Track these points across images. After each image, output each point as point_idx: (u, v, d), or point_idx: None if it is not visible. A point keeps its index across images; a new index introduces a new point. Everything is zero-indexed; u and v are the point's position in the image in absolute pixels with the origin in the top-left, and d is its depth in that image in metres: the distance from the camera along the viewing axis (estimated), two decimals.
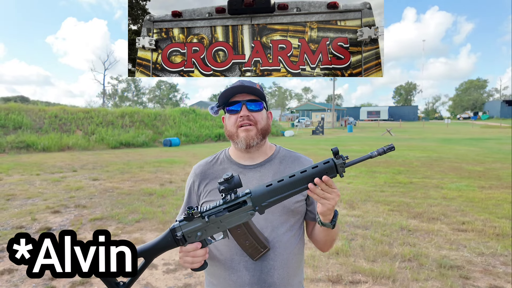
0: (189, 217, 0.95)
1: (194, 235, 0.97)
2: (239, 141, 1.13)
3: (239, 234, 0.98)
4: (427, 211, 5.30)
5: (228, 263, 1.11)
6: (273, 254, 1.09)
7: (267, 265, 1.09)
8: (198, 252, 0.98)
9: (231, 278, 1.10)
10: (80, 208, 5.63)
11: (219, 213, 0.96)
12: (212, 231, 0.97)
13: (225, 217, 0.96)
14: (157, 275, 3.27)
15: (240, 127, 1.12)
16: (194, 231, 0.97)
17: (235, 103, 1.13)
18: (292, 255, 1.13)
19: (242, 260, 1.09)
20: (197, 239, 0.97)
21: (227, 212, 0.96)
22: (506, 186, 7.13)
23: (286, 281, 1.11)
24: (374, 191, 6.73)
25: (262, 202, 0.95)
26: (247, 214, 0.96)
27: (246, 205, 0.95)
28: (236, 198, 0.95)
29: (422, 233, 4.34)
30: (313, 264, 3.43)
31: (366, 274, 3.21)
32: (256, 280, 1.08)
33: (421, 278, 3.13)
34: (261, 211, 0.96)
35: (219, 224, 0.97)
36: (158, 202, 5.96)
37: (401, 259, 3.56)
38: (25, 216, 5.11)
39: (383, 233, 4.33)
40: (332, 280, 3.13)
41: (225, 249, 1.12)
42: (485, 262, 3.46)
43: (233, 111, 1.14)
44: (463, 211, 5.32)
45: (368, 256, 3.62)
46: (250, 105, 1.12)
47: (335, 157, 0.95)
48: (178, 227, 0.98)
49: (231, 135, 1.16)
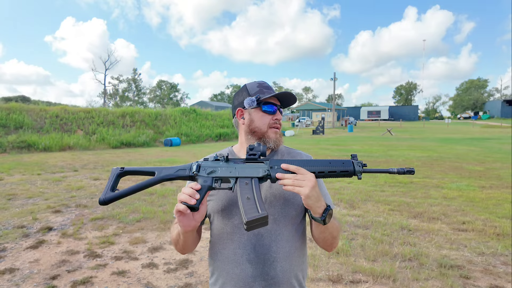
0: (215, 159, 1.06)
1: (209, 169, 1.03)
2: (270, 141, 1.20)
3: (244, 187, 1.00)
4: (428, 210, 5.30)
5: (231, 257, 1.13)
6: (275, 247, 1.11)
7: (270, 257, 1.10)
8: (194, 193, 0.97)
9: (234, 271, 1.12)
10: (81, 207, 5.64)
11: (238, 160, 1.05)
12: (224, 172, 1.02)
13: (240, 165, 1.03)
14: (158, 275, 3.28)
15: (271, 128, 1.21)
16: (209, 167, 1.04)
17: (270, 103, 1.20)
18: (294, 248, 1.15)
19: (244, 253, 1.11)
20: (207, 174, 1.02)
21: (244, 163, 1.04)
22: (507, 186, 7.12)
23: (289, 274, 1.12)
24: (374, 191, 6.73)
25: (277, 166, 1.00)
26: (261, 171, 1.01)
27: (262, 163, 1.03)
28: (257, 159, 1.04)
29: (422, 233, 4.34)
30: (313, 264, 3.44)
31: (367, 274, 3.22)
32: (259, 272, 1.10)
33: (421, 278, 3.13)
34: (274, 177, 1.00)
35: (233, 169, 1.03)
36: (158, 202, 5.97)
37: (402, 258, 3.56)
38: (26, 216, 5.12)
39: (384, 232, 4.33)
40: (332, 279, 3.13)
41: (228, 242, 1.14)
42: (485, 262, 3.46)
43: (269, 112, 1.20)
44: (463, 210, 5.32)
45: (368, 256, 3.62)
46: (281, 111, 1.24)
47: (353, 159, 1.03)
48: (201, 162, 1.06)
49: (258, 132, 1.20)
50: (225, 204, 1.14)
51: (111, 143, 17.89)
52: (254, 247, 1.11)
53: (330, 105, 54.94)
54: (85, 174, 9.07)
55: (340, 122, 50.05)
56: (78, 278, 3.18)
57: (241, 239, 1.12)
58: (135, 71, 74.72)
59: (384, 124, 49.10)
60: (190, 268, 3.42)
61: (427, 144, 18.79)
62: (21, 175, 8.81)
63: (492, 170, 9.17)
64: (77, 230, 4.50)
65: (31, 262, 3.52)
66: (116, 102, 67.68)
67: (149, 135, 20.06)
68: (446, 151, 14.63)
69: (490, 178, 8.00)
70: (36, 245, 3.98)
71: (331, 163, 1.02)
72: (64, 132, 17.86)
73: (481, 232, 4.31)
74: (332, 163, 1.02)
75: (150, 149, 17.52)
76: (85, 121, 19.51)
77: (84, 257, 3.66)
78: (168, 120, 23.16)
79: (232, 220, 1.14)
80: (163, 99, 78.60)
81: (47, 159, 12.40)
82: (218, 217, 1.17)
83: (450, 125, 45.77)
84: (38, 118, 18.09)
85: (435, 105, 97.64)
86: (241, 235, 1.12)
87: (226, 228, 1.15)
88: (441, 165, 10.23)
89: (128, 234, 4.39)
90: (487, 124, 44.90)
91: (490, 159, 11.63)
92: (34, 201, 6.10)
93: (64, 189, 7.10)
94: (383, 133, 30.55)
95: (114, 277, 3.22)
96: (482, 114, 68.85)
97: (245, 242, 1.12)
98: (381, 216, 5.08)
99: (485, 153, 13.63)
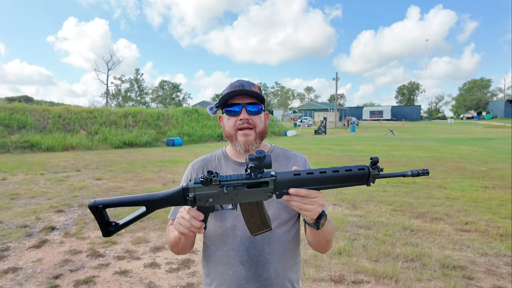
0: (206, 182, 0.90)
1: (206, 200, 0.92)
2: (238, 145, 1.13)
3: (248, 209, 0.95)
4: (430, 211, 5.28)
5: (224, 259, 1.13)
6: (268, 249, 1.11)
7: (263, 259, 1.10)
8: (197, 222, 0.92)
9: (227, 273, 1.12)
10: (83, 207, 5.66)
11: (238, 186, 0.92)
12: (224, 200, 0.93)
13: (242, 192, 0.92)
14: (160, 274, 3.29)
15: (239, 130, 1.13)
16: (206, 196, 0.92)
17: (234, 104, 1.12)
18: (287, 250, 1.14)
19: (237, 255, 1.11)
20: (207, 205, 0.92)
21: (245, 188, 0.92)
22: (510, 186, 7.08)
23: (282, 275, 1.12)
24: (376, 191, 6.71)
25: (284, 189, 0.91)
26: (265, 195, 0.92)
27: (267, 187, 0.91)
28: (259, 177, 0.91)
29: (425, 233, 4.32)
30: (315, 264, 3.44)
31: (369, 274, 3.21)
32: (252, 274, 1.10)
33: (424, 278, 3.12)
34: (280, 197, 0.92)
35: (233, 196, 0.92)
36: None
37: (404, 259, 3.55)
38: (29, 215, 5.15)
39: (386, 233, 4.32)
40: (334, 280, 3.13)
41: (221, 244, 1.14)
42: (488, 263, 3.45)
43: (233, 113, 1.13)
44: (466, 211, 5.29)
45: (370, 256, 3.61)
46: (249, 107, 1.12)
47: (372, 167, 0.92)
48: (192, 188, 0.91)
49: (229, 137, 1.16)
50: None
51: (114, 143, 17.95)
52: (247, 249, 1.10)
53: (332, 105, 54.87)
54: (87, 174, 9.10)
55: (342, 122, 49.99)
56: (81, 277, 3.19)
57: (234, 241, 1.11)
58: (137, 71, 74.95)
59: (386, 124, 48.96)
60: (192, 268, 3.43)
61: (430, 144, 18.72)
62: (24, 174, 8.85)
63: (495, 170, 9.12)
64: (80, 230, 4.52)
65: (34, 262, 3.54)
66: (119, 102, 67.90)
67: (151, 135, 20.11)
68: (449, 151, 14.57)
69: (493, 179, 7.96)
70: (39, 245, 4.00)
71: (344, 180, 0.92)
72: (66, 132, 17.94)
73: (484, 232, 4.29)
74: (345, 180, 0.92)
75: (152, 149, 17.56)
76: (88, 121, 19.58)
77: (87, 257, 3.67)
78: (170, 120, 23.21)
79: (225, 222, 1.13)
80: (165, 99, 78.74)
81: (50, 159, 12.45)
82: (211, 219, 1.16)
83: (453, 125, 45.57)
84: (41, 118, 18.17)
85: (438, 105, 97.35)
86: (234, 237, 1.12)
87: (219, 231, 1.14)
88: (444, 165, 10.19)
89: (130, 234, 4.40)
90: (490, 124, 44.69)
91: (493, 159, 11.57)
92: (37, 200, 6.13)
93: (66, 189, 7.12)
94: (385, 133, 30.47)
95: (116, 277, 3.23)
96: (485, 114, 68.55)
97: (238, 244, 1.11)
98: (383, 216, 5.07)
99: (488, 153, 13.56)
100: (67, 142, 16.41)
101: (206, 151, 15.13)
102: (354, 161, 11.40)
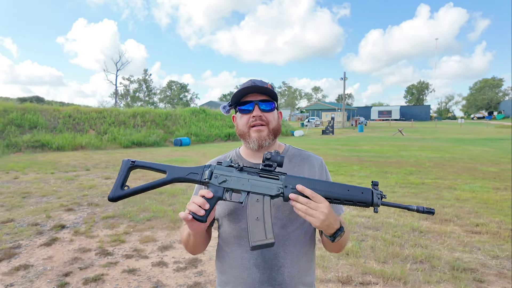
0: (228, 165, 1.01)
1: (221, 179, 0.99)
2: (251, 141, 1.13)
3: (255, 206, 0.97)
4: (440, 212, 5.21)
5: (238, 261, 1.12)
6: (283, 252, 1.10)
7: (277, 263, 1.09)
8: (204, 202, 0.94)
9: (242, 275, 1.11)
10: (93, 206, 5.74)
11: (252, 172, 1.00)
12: (236, 184, 0.99)
13: (254, 178, 0.99)
14: (167, 273, 3.31)
15: (252, 127, 1.12)
16: (222, 174, 1.00)
17: (247, 102, 1.12)
18: (302, 254, 1.13)
19: (252, 258, 1.10)
20: (219, 183, 0.99)
21: (258, 176, 0.99)
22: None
23: (296, 279, 1.11)
24: (385, 192, 6.65)
25: (293, 187, 0.96)
26: (274, 189, 0.97)
27: (277, 180, 0.98)
28: (272, 171, 0.99)
29: (434, 235, 4.27)
30: (323, 265, 3.42)
31: (377, 276, 3.18)
32: (267, 278, 1.09)
33: (433, 281, 3.08)
34: (286, 196, 0.96)
35: (246, 181, 0.99)
36: (168, 201, 6.02)
37: (413, 260, 3.51)
38: (40, 214, 5.24)
39: (394, 234, 4.27)
40: (342, 281, 3.11)
41: (235, 246, 1.14)
42: (499, 265, 3.38)
43: (245, 111, 1.13)
44: (477, 212, 5.21)
45: (378, 257, 3.58)
46: (262, 105, 1.12)
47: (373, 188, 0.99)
48: (213, 166, 1.03)
49: (242, 135, 1.16)
50: (232, 209, 1.13)
51: (122, 142, 18.13)
52: (261, 252, 1.10)
53: (340, 105, 54.52)
54: (96, 173, 9.21)
55: (350, 122, 49.62)
56: (90, 275, 3.23)
57: (248, 243, 1.11)
58: (146, 72, 75.58)
59: (395, 124, 48.45)
60: (200, 267, 3.44)
61: (439, 144, 18.46)
62: (35, 173, 9.01)
63: (506, 171, 8.94)
64: (89, 228, 4.58)
65: (44, 259, 3.60)
66: (127, 102, 68.59)
67: (159, 135, 20.27)
68: (459, 151, 14.35)
69: (504, 180, 7.81)
70: (50, 243, 4.06)
71: (350, 190, 0.96)
72: (76, 132, 18.19)
73: (495, 234, 4.22)
74: (351, 190, 0.96)
75: (160, 148, 17.70)
76: (97, 121, 19.82)
77: (96, 255, 3.72)
78: (178, 120, 23.35)
79: (240, 224, 1.12)
80: (173, 99, 79.29)
81: (60, 158, 12.65)
82: (225, 221, 1.15)
83: (463, 125, 44.86)
84: (51, 118, 18.46)
85: (448, 105, 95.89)
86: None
87: (234, 232, 1.14)
88: (454, 166, 10.04)
89: (138, 232, 4.45)
90: (502, 124, 43.84)
91: (504, 160, 11.35)
92: (47, 199, 6.23)
93: (76, 187, 7.23)
94: (394, 133, 30.16)
95: (124, 275, 3.26)
96: (497, 114, 67.31)
97: None
98: (391, 217, 5.02)
99: (500, 154, 13.31)
100: (77, 142, 16.64)
101: (213, 151, 15.17)
102: (362, 161, 11.31)
